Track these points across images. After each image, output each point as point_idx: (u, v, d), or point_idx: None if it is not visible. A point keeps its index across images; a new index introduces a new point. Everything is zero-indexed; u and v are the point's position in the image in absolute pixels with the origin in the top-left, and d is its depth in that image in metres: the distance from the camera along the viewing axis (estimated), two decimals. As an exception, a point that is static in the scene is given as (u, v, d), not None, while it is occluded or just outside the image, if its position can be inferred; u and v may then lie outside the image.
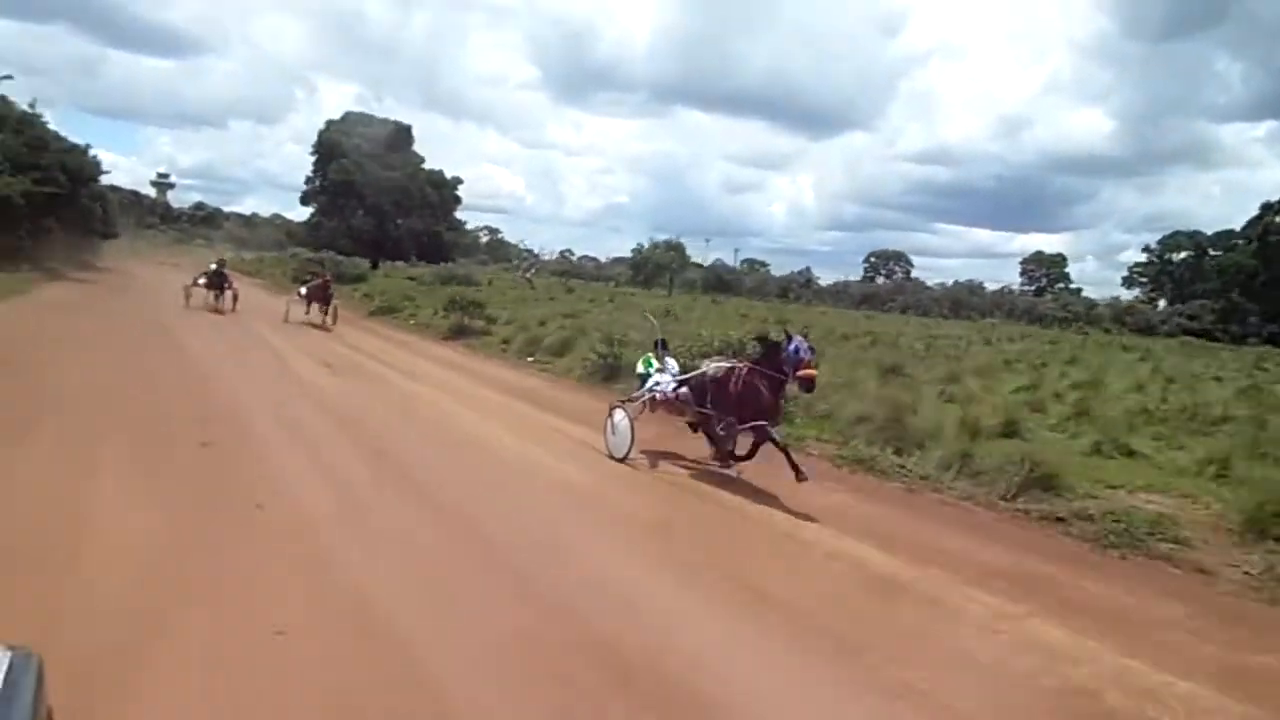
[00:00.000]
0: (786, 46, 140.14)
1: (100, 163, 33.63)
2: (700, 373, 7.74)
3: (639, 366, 8.73)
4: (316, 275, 20.99)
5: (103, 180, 35.71)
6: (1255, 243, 46.74)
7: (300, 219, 55.18)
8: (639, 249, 70.54)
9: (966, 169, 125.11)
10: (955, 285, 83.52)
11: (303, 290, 19.75)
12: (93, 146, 32.28)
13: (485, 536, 5.19)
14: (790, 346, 6.61)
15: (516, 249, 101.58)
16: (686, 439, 8.23)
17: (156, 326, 15.72)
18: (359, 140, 47.46)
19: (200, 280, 20.07)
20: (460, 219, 56.02)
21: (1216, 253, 67.46)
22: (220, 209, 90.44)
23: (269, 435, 7.38)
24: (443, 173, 51.63)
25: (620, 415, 7.72)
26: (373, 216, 47.69)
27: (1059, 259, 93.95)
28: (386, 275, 40.64)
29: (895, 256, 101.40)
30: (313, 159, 48.72)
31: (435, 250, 49.79)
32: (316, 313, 18.77)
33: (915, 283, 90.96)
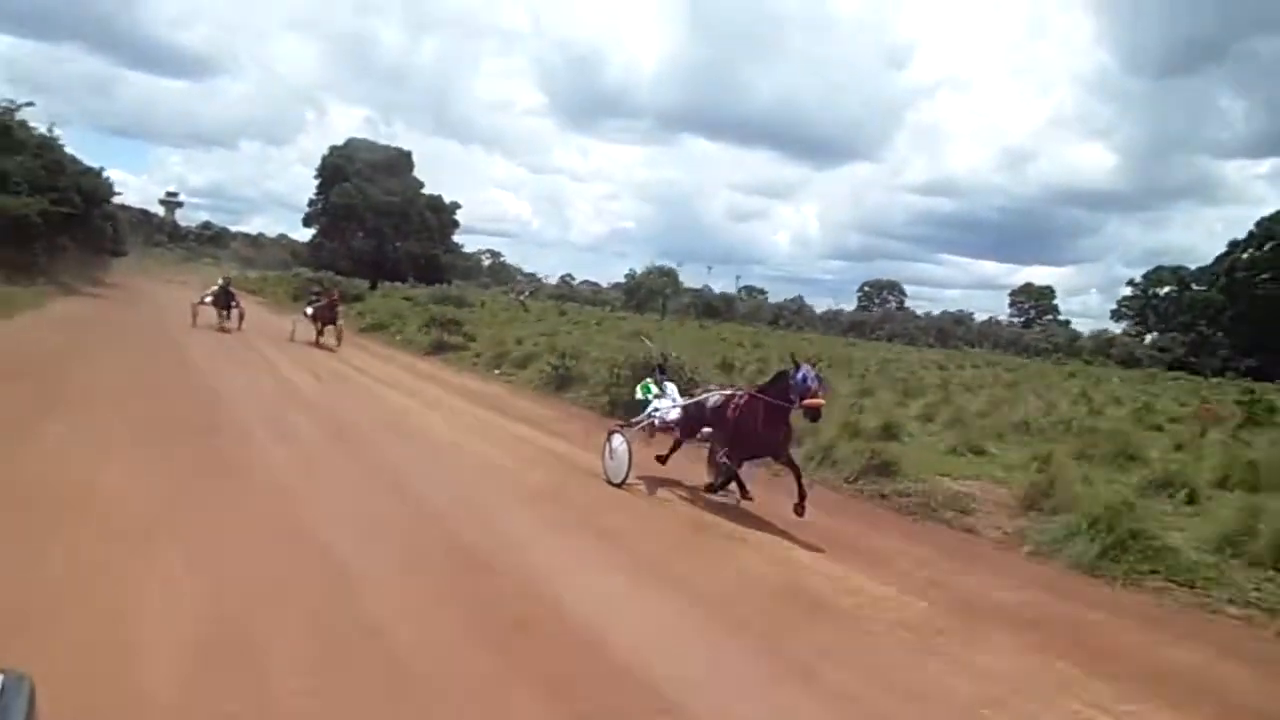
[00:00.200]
0: (793, 76, 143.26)
1: (113, 184, 35.68)
2: (700, 400, 7.79)
3: (638, 392, 8.62)
4: (323, 295, 20.84)
5: (113, 200, 37.75)
6: (1223, 278, 48.43)
7: (306, 239, 57.34)
8: (632, 274, 72.76)
9: (970, 201, 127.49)
10: (943, 315, 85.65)
11: (309, 310, 19.79)
12: (104, 165, 34.29)
13: (404, 488, 6.82)
14: (798, 375, 6.60)
15: (517, 272, 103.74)
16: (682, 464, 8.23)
17: (162, 338, 17.44)
18: (360, 165, 49.62)
19: (206, 298, 20.15)
20: (457, 242, 58.21)
21: (1200, 287, 69.39)
22: (227, 228, 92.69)
23: (252, 422, 8.99)
24: (441, 197, 53.87)
25: (619, 440, 7.60)
26: (372, 238, 49.74)
27: (1047, 291, 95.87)
28: (384, 296, 42.43)
29: (889, 286, 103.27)
30: (316, 182, 50.91)
31: (432, 272, 51.78)
32: (327, 333, 19.02)
33: (906, 312, 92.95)
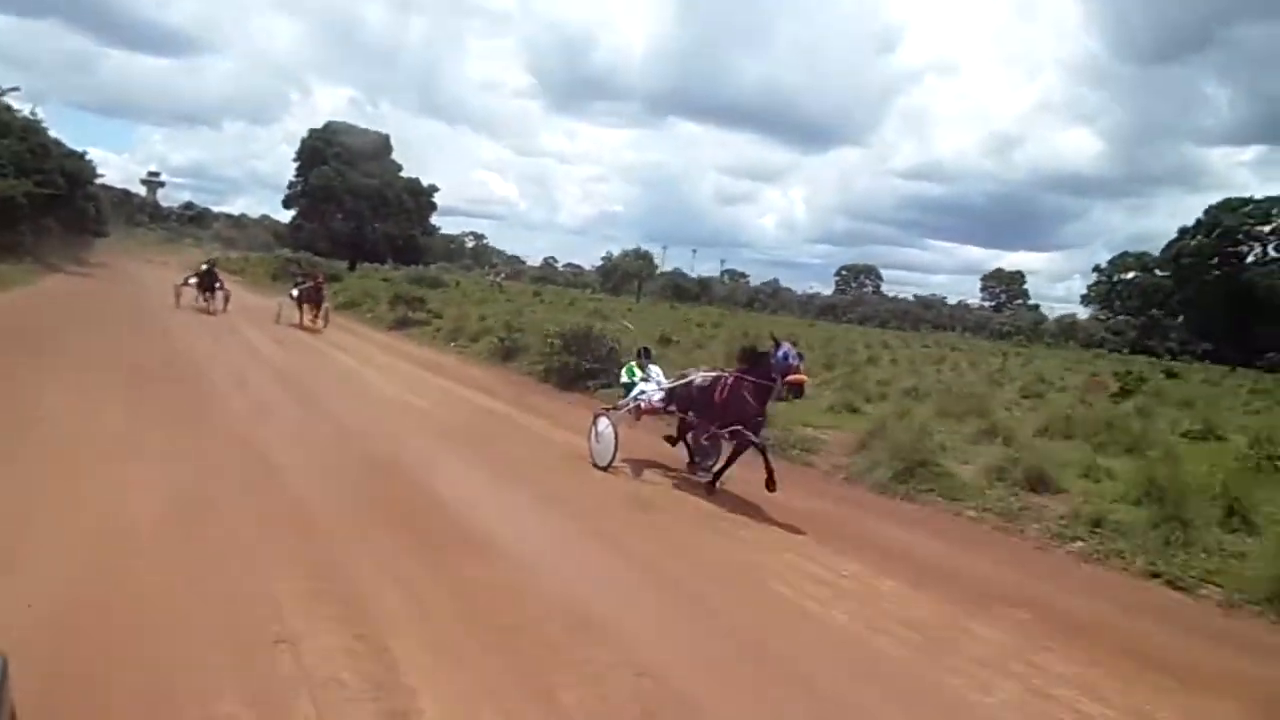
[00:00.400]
0: (781, 60, 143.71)
1: (96, 167, 36.72)
2: (686, 382, 7.81)
3: (623, 375, 8.68)
4: (309, 278, 20.78)
5: (96, 181, 38.77)
6: (1172, 263, 50.54)
7: (287, 221, 58.30)
8: (608, 257, 74.30)
9: (958, 186, 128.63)
10: (915, 300, 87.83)
11: (294, 292, 19.66)
12: (85, 143, 35.37)
13: (336, 421, 8.49)
14: (779, 353, 6.66)
15: (500, 255, 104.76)
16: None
17: (146, 311, 18.82)
18: (339, 148, 50.63)
19: (190, 280, 20.06)
20: (435, 224, 59.26)
21: (1164, 273, 71.65)
22: (209, 209, 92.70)
23: (220, 377, 10.52)
24: (419, 180, 55.03)
25: (605, 423, 7.66)
26: (351, 220, 50.90)
27: (1018, 276, 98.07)
28: (362, 277, 43.70)
29: (866, 270, 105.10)
30: (295, 164, 51.89)
31: (410, 253, 53.02)
32: (308, 315, 19.02)
33: (880, 296, 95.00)
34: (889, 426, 9.57)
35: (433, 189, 55.99)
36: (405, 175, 54.26)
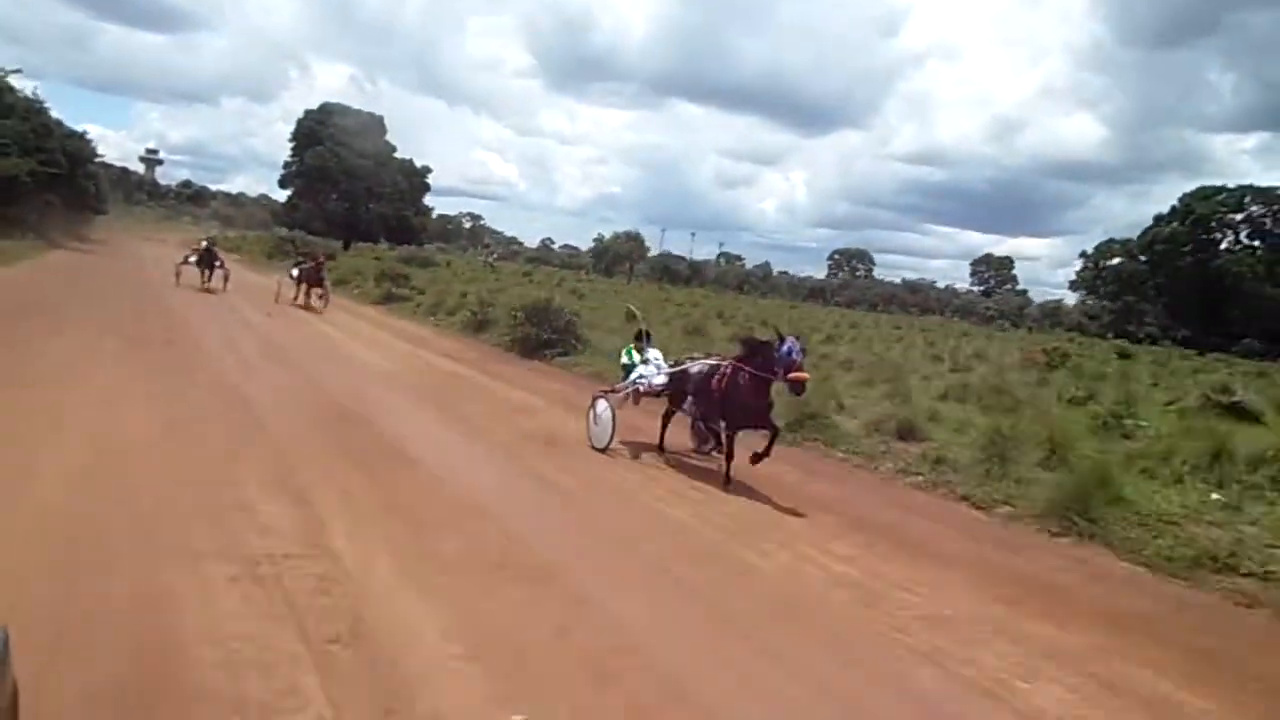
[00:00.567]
0: (783, 42, 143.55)
1: (96, 147, 37.91)
2: (684, 368, 7.84)
3: (623, 357, 8.71)
4: (310, 257, 20.76)
5: (95, 160, 39.98)
6: (1147, 250, 51.81)
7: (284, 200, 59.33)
8: (600, 239, 75.46)
9: (959, 171, 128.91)
10: (903, 283, 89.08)
11: (295, 272, 19.71)
12: (83, 120, 36.54)
13: (310, 377, 9.85)
14: (783, 348, 6.55)
15: (498, 235, 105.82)
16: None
17: (144, 283, 20.13)
18: (334, 129, 51.61)
19: (190, 258, 20.23)
20: (429, 205, 60.30)
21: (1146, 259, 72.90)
22: (208, 187, 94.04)
23: (211, 342, 11.86)
24: (413, 161, 56.08)
25: (603, 406, 7.71)
26: (346, 200, 51.99)
27: (1007, 261, 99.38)
28: (355, 256, 44.99)
29: (858, 255, 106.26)
30: (291, 145, 52.89)
31: (404, 233, 54.15)
32: (309, 295, 19.10)
33: (871, 279, 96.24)
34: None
35: (426, 170, 57.13)
36: (399, 156, 55.32)
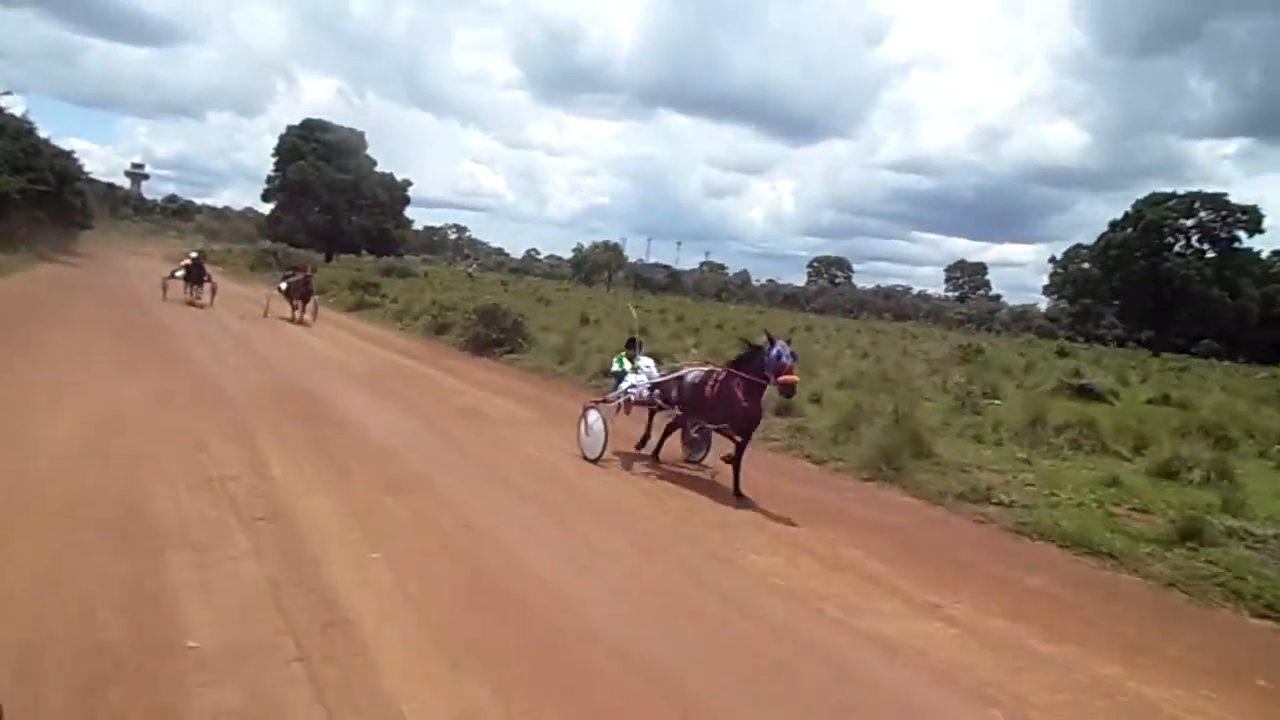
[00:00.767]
0: (769, 52, 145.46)
1: (83, 164, 39.33)
2: (677, 376, 7.83)
3: (613, 365, 8.63)
4: (298, 270, 20.51)
5: (82, 178, 41.39)
6: (1103, 255, 53.98)
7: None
8: (579, 249, 77.16)
9: (945, 179, 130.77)
10: (878, 290, 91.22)
11: (283, 285, 19.50)
12: (68, 134, 37.99)
13: (276, 369, 11.38)
14: (772, 352, 6.59)
15: (484, 247, 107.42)
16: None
17: (130, 293, 21.56)
18: (317, 144, 53.13)
19: (178, 273, 20.17)
20: (409, 217, 61.84)
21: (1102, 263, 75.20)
22: (193, 201, 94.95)
23: (189, 340, 13.35)
24: (393, 175, 57.61)
25: (594, 416, 7.68)
26: (327, 213, 53.44)
27: (980, 268, 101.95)
28: (337, 267, 46.45)
29: (837, 262, 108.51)
30: (274, 159, 54.37)
31: (384, 245, 55.71)
32: (298, 309, 18.89)
33: (848, 286, 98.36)
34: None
35: (406, 183, 58.73)
36: (380, 170, 56.87)
